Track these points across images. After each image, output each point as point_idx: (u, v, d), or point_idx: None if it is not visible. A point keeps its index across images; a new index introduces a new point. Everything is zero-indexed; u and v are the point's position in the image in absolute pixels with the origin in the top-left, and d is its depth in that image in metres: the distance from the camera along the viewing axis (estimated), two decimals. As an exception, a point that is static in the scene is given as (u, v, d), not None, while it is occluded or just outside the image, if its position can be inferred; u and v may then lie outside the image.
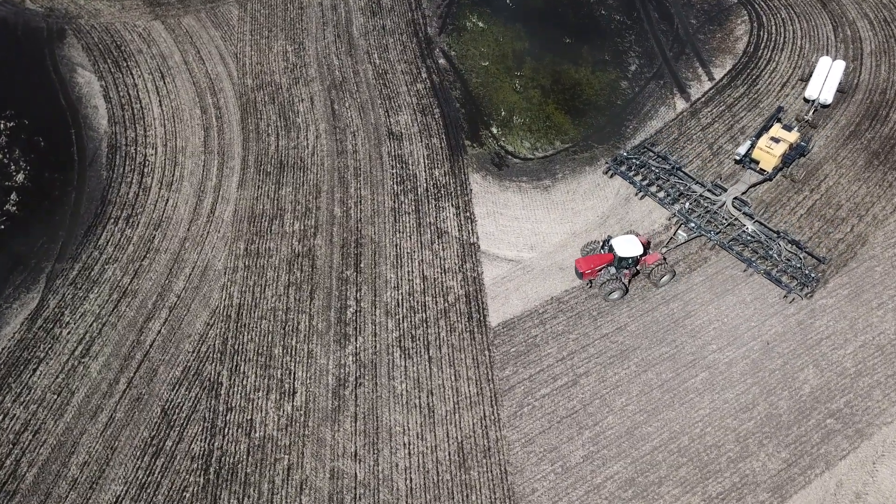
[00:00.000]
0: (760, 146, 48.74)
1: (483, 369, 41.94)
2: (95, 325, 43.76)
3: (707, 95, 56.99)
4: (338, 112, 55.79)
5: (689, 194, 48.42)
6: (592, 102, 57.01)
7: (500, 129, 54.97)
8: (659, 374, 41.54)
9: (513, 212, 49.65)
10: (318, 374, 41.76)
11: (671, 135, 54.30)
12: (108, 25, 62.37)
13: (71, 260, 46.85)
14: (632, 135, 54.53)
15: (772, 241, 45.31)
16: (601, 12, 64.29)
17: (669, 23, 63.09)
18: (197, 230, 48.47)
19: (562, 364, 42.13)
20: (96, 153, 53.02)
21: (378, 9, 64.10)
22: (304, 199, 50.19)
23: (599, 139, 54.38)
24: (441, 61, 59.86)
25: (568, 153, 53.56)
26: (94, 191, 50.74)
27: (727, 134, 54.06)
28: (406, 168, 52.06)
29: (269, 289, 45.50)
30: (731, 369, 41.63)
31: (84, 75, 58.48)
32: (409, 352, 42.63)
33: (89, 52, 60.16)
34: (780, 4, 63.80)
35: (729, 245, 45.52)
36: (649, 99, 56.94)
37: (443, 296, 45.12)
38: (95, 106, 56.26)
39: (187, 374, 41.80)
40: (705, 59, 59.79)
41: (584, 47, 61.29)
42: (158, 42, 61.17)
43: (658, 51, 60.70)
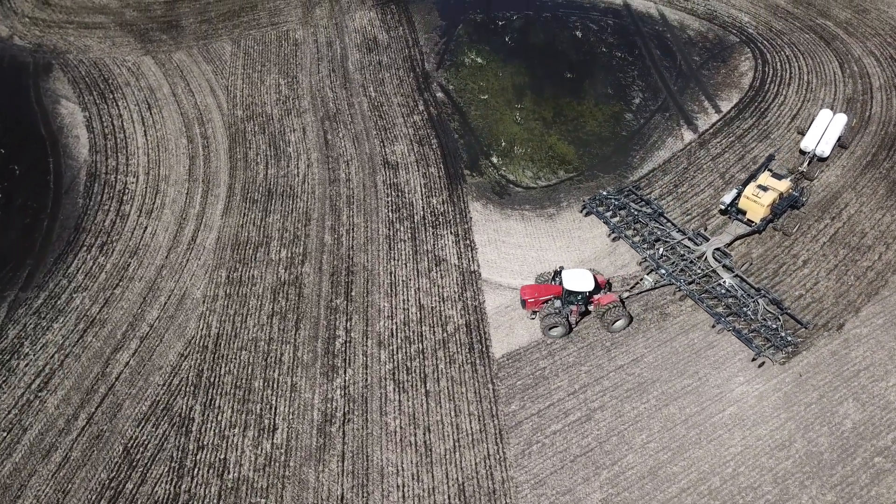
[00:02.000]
0: (747, 195, 44.35)
1: (486, 404, 37.64)
2: (57, 357, 39.59)
3: (715, 127, 54.83)
4: (331, 142, 53.29)
5: (666, 240, 44.70)
6: (596, 134, 54.75)
7: (501, 159, 52.41)
8: (682, 409, 37.29)
9: (516, 240, 46.39)
10: (301, 409, 37.37)
11: (680, 164, 51.78)
12: (96, 60, 60.74)
13: (37, 288, 43.10)
14: (639, 164, 51.99)
15: (749, 297, 40.95)
16: (602, 49, 63.06)
17: (672, 59, 61.75)
18: (176, 258, 44.94)
19: (574, 398, 37.91)
20: (74, 181, 50.06)
21: (374, 45, 62.77)
22: (292, 226, 46.94)
23: (605, 169, 51.78)
24: (439, 94, 57.97)
25: (573, 182, 50.82)
26: (69, 218, 47.48)
27: (738, 164, 51.55)
28: (402, 196, 49.09)
29: (251, 318, 41.60)
30: (761, 403, 37.45)
31: (67, 106, 56.27)
32: (403, 385, 38.41)
33: (75, 84, 58.22)
34: (784, 43, 62.72)
35: (699, 297, 41.21)
36: (655, 130, 54.74)
37: (441, 325, 41.25)
38: (77, 136, 53.75)
39: (155, 408, 37.37)
40: (711, 94, 58.02)
41: (586, 81, 59.66)
42: (147, 75, 59.34)
43: (662, 85, 59.03)
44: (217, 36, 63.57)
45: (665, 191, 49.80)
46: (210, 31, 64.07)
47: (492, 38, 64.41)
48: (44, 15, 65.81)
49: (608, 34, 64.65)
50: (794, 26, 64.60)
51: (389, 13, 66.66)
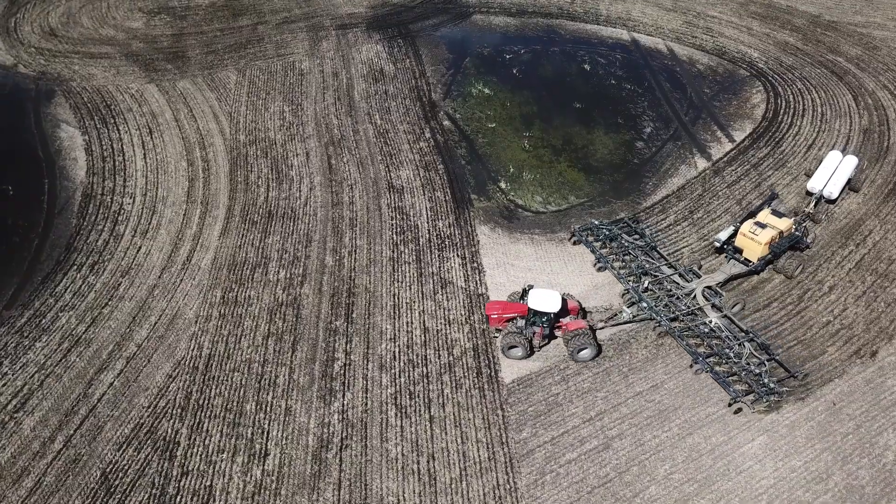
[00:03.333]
0: (744, 231, 41.96)
1: (495, 431, 34.84)
2: (37, 377, 37.06)
3: (729, 156, 53.43)
4: (335, 166, 51.86)
5: (655, 274, 42.31)
6: (607, 161, 53.32)
7: (509, 184, 50.82)
8: (707, 438, 34.43)
9: (525, 263, 44.30)
10: (296, 434, 34.59)
11: (694, 191, 50.13)
12: (100, 87, 60.06)
13: (21, 307, 40.89)
14: (652, 191, 50.33)
15: (734, 339, 37.97)
16: (611, 81, 62.33)
17: (682, 92, 60.93)
18: (169, 278, 42.84)
19: (590, 425, 35.12)
20: (68, 202, 48.45)
21: (380, 76, 62.14)
22: (292, 247, 44.98)
23: (618, 195, 50.10)
24: (446, 123, 56.88)
25: (584, 207, 49.05)
26: (60, 238, 45.62)
27: (755, 191, 49.92)
28: (407, 219, 47.28)
29: (245, 339, 39.19)
30: (793, 433, 34.61)
31: (67, 130, 55.20)
32: (406, 410, 35.70)
33: (76, 110, 57.33)
34: (795, 77, 62.04)
35: (679, 334, 38.39)
36: (668, 158, 53.31)
37: (447, 349, 38.77)
38: (75, 158, 52.46)
39: (138, 431, 34.62)
40: (723, 124, 56.88)
41: (595, 111, 58.66)
42: (150, 102, 58.51)
43: (673, 115, 57.96)
44: (223, 66, 63.11)
45: (680, 217, 47.99)
46: (216, 62, 63.65)
47: (499, 70, 63.86)
48: (50, 45, 65.61)
49: (617, 67, 64.08)
50: (804, 62, 64.07)
51: (396, 46, 66.38)
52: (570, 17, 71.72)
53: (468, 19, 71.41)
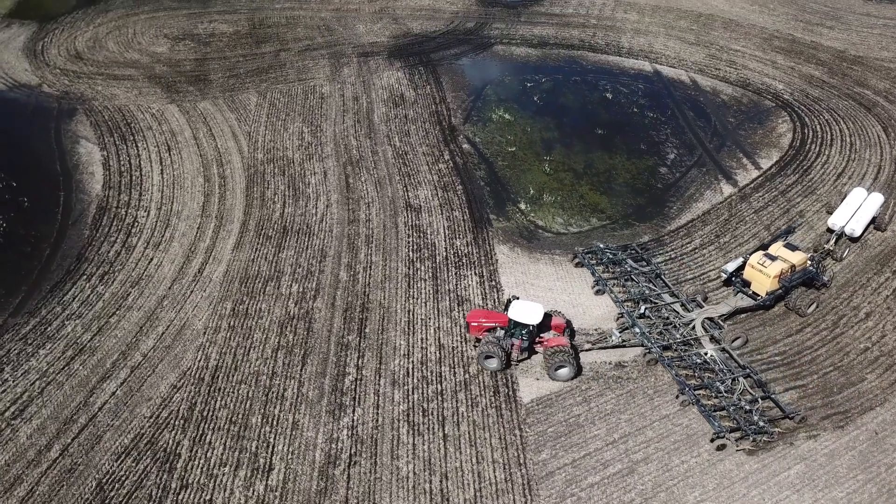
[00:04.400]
0: (752, 263, 39.76)
1: (513, 451, 32.89)
2: (38, 384, 35.79)
3: (756, 182, 52.08)
4: (352, 185, 51.11)
5: (654, 301, 40.44)
6: (630, 185, 52.14)
7: (529, 206, 49.68)
8: (740, 465, 32.22)
9: (546, 283, 42.81)
10: (302, 449, 32.83)
11: (721, 216, 48.71)
12: (121, 107, 60.30)
13: (27, 315, 39.90)
14: (676, 215, 48.95)
15: (727, 373, 35.80)
16: (633, 110, 61.61)
17: (706, 120, 60.02)
18: (179, 289, 41.78)
19: (613, 448, 33.07)
20: (82, 214, 47.94)
21: (401, 101, 61.94)
22: (306, 262, 43.88)
23: (641, 218, 48.75)
24: (465, 146, 56.21)
25: (606, 229, 47.70)
26: (72, 248, 44.92)
27: (784, 217, 48.41)
28: (424, 237, 46.14)
29: (254, 351, 37.79)
30: (833, 462, 32.32)
31: (86, 146, 55.15)
32: (418, 428, 33.90)
33: (97, 127, 57.43)
34: (822, 108, 61.03)
35: (669, 363, 36.38)
36: (693, 184, 52.04)
37: (463, 366, 37.08)
38: (92, 172, 52.21)
39: (138, 442, 33.05)
40: (749, 151, 55.72)
41: (617, 137, 57.78)
42: (170, 121, 58.52)
43: (697, 142, 56.93)
44: (244, 89, 63.29)
45: (706, 240, 46.49)
46: (237, 85, 63.89)
47: (520, 97, 63.49)
48: (75, 67, 66.33)
49: (639, 96, 63.47)
50: (831, 94, 63.13)
51: (417, 73, 66.39)
52: (591, 48, 71.63)
53: (489, 50, 71.52)
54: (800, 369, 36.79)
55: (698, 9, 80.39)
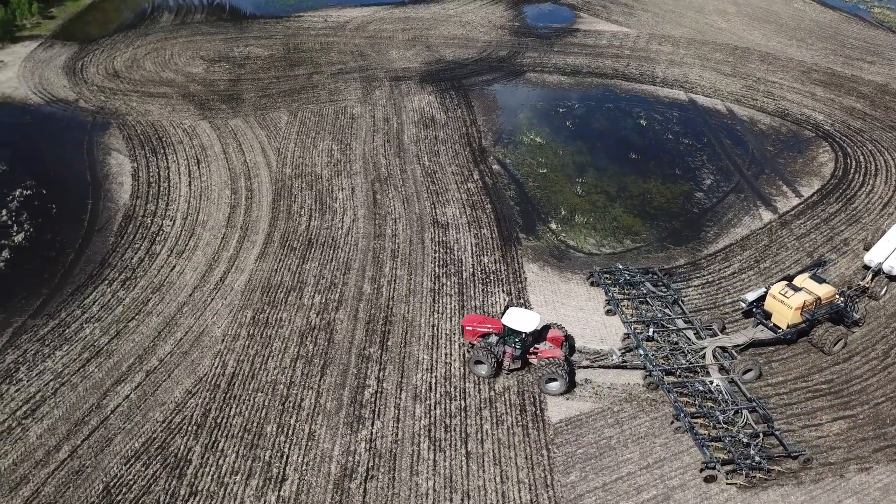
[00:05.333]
0: (773, 293, 37.24)
1: (540, 471, 30.97)
2: (52, 385, 34.89)
3: (797, 209, 50.28)
4: (379, 201, 50.37)
5: (664, 324, 38.46)
6: (665, 209, 50.64)
7: (560, 226, 48.36)
8: (785, 497, 29.95)
9: (577, 302, 41.22)
10: (318, 460, 31.27)
11: (760, 242, 46.94)
12: (154, 122, 60.72)
13: (47, 317, 39.28)
14: (713, 239, 47.26)
15: (730, 404, 33.49)
16: (667, 136, 60.47)
17: (743, 148, 58.63)
18: (200, 296, 40.96)
19: (647, 473, 30.99)
20: (109, 221, 47.71)
21: (431, 123, 61.56)
22: (330, 274, 42.90)
23: (676, 242, 47.12)
24: (495, 167, 55.37)
25: (640, 252, 46.13)
26: (96, 254, 44.53)
27: (827, 244, 46.52)
28: (450, 254, 44.98)
29: (272, 360, 36.59)
30: (888, 497, 29.92)
31: (117, 158, 55.37)
32: (440, 444, 32.19)
33: (128, 140, 57.76)
34: (864, 139, 59.38)
35: (669, 388, 34.29)
36: (730, 209, 50.42)
37: (488, 384, 35.42)
38: (121, 182, 52.21)
39: (149, 446, 31.78)
40: (789, 179, 54.05)
41: (652, 163, 56.53)
42: (201, 136, 58.71)
43: (734, 169, 55.45)
44: (275, 108, 63.52)
45: (745, 265, 44.71)
46: (269, 104, 64.16)
47: (552, 122, 62.78)
48: (112, 85, 67.29)
49: (673, 123, 62.40)
50: (873, 126, 61.55)
51: (448, 97, 66.19)
52: (625, 77, 71.00)
53: (522, 77, 71.26)
54: (849, 399, 34.49)
55: (734, 42, 79.64)
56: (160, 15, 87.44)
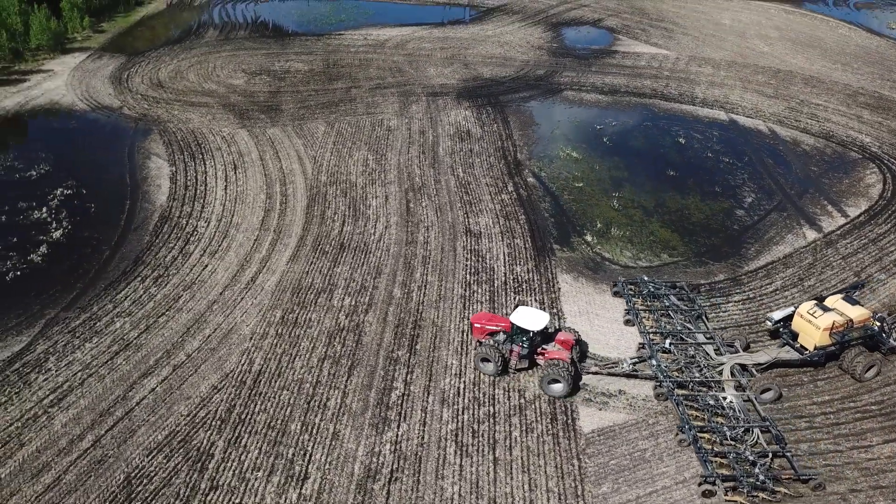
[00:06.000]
0: (801, 312, 35.31)
1: (570, 481, 29.74)
2: (80, 375, 34.84)
3: (843, 229, 48.60)
4: (412, 209, 50.05)
5: (682, 337, 37.03)
6: (703, 225, 49.38)
7: (596, 238, 47.39)
8: (833, 518, 28.18)
9: (612, 314, 40.07)
10: (341, 460, 30.50)
11: (804, 260, 45.35)
12: (195, 129, 61.61)
13: (79, 310, 39.47)
14: (755, 256, 45.79)
15: (741, 422, 31.85)
16: (707, 154, 59.33)
17: (786, 167, 57.20)
18: (231, 295, 40.84)
19: (683, 487, 29.55)
20: (145, 221, 48.15)
21: (467, 136, 61.39)
22: (360, 277, 42.49)
23: (715, 257, 45.76)
24: (530, 180, 54.78)
25: (678, 266, 44.86)
26: (130, 252, 44.85)
27: (876, 264, 44.67)
28: (482, 262, 44.29)
29: (299, 359, 36.10)
30: (943, 523, 27.93)
31: (157, 162, 56.15)
32: (467, 449, 31.18)
33: (168, 145, 58.63)
34: (913, 162, 57.43)
35: (679, 400, 32.90)
36: (772, 227, 48.93)
37: (518, 391, 34.41)
38: (159, 185, 52.82)
39: (172, 439, 31.37)
40: (834, 199, 52.40)
41: (690, 180, 55.40)
42: (239, 143, 59.34)
43: (777, 188, 53.99)
44: (313, 118, 64.05)
45: (789, 283, 43.17)
46: (307, 115, 64.75)
47: (589, 138, 62.16)
48: (155, 94, 68.67)
49: (714, 142, 61.29)
50: (923, 148, 59.50)
51: (485, 113, 66.09)
52: (664, 97, 70.21)
53: (559, 94, 70.95)
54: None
55: (776, 65, 78.45)
56: (205, 31, 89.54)
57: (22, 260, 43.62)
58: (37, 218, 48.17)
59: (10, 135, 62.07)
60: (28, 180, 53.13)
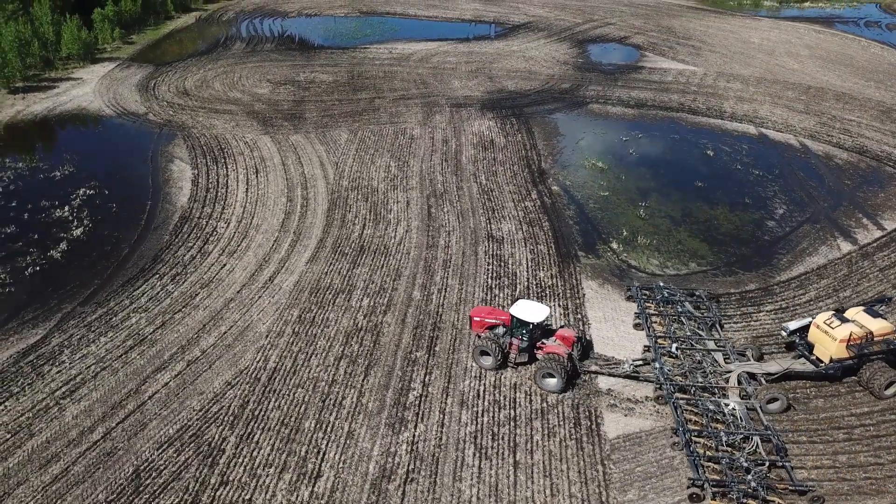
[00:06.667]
0: (818, 323, 33.71)
1: (594, 487, 28.35)
2: (93, 369, 34.26)
3: (880, 242, 46.94)
4: (434, 214, 49.33)
5: (691, 342, 35.79)
6: (733, 235, 47.99)
7: (622, 246, 46.22)
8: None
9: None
10: (356, 459, 29.40)
11: (839, 271, 43.74)
12: (218, 135, 61.72)
13: (96, 305, 39.05)
14: (787, 266, 44.28)
15: (741, 428, 30.42)
16: (736, 167, 58.05)
17: (819, 181, 55.71)
18: (248, 294, 40.22)
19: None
20: (165, 221, 47.93)
21: (490, 146, 60.79)
22: (380, 279, 41.68)
23: (746, 267, 44.34)
24: (554, 188, 53.86)
25: (707, 275, 43.47)
26: (149, 250, 44.54)
27: (915, 277, 42.89)
28: (504, 267, 43.29)
29: (315, 358, 35.22)
30: None
31: (179, 165, 56.20)
32: (486, 451, 29.94)
33: (191, 150, 58.75)
34: (952, 176, 55.65)
35: (677, 404, 31.71)
36: (805, 238, 47.42)
37: (540, 395, 33.14)
38: (181, 187, 52.74)
39: (183, 434, 30.53)
40: (870, 213, 50.79)
41: (719, 191, 54.09)
42: (262, 148, 59.27)
43: (809, 200, 52.50)
44: (336, 126, 63.95)
45: (823, 293, 41.60)
46: (330, 123, 64.67)
47: (615, 149, 61.26)
48: (181, 101, 69.14)
49: (743, 155, 60.04)
50: (962, 164, 57.72)
51: (509, 124, 65.54)
52: (691, 111, 69.24)
53: (584, 107, 70.29)
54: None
55: (806, 82, 77.23)
56: (232, 44, 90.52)
57: (41, 256, 43.47)
58: (58, 216, 48.17)
59: (36, 138, 62.67)
60: (51, 181, 53.36)
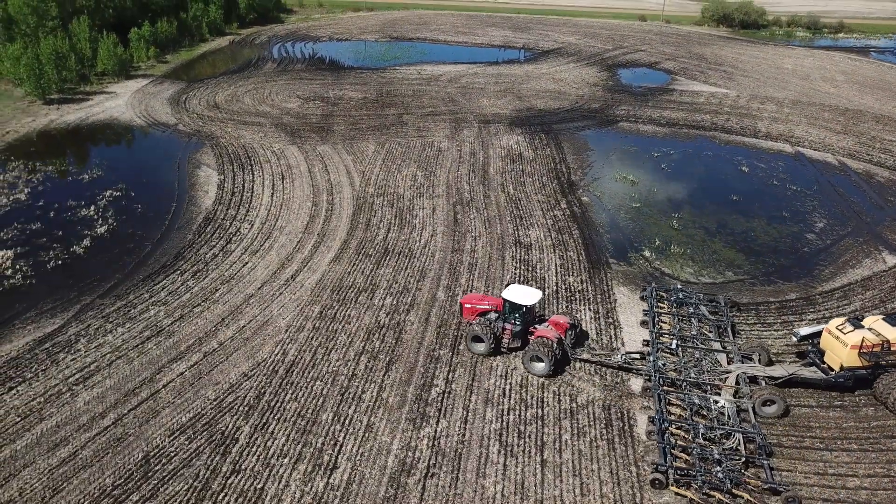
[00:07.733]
0: (830, 328, 31.83)
1: (627, 488, 26.50)
2: (109, 357, 33.43)
3: (926, 255, 44.83)
4: (460, 220, 48.36)
5: (694, 341, 34.27)
6: (771, 247, 46.20)
7: (655, 255, 44.67)
8: (936, 546, 24.18)
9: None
10: (374, 452, 27.93)
11: (885, 283, 41.63)
12: (246, 144, 61.78)
13: (115, 297, 38.43)
14: (829, 278, 42.33)
15: (722, 425, 28.88)
16: (773, 182, 56.40)
17: (860, 196, 53.82)
18: (269, 290, 39.36)
19: (757, 502, 25.90)
20: (189, 221, 47.58)
21: (518, 159, 59.97)
22: (403, 280, 40.58)
23: (786, 277, 42.47)
24: (584, 198, 52.65)
25: (744, 284, 41.65)
26: (172, 248, 44.06)
27: (966, 291, 40.63)
28: (532, 271, 41.97)
29: (335, 352, 34.02)
30: None
31: (206, 171, 56.16)
32: (512, 449, 28.29)
33: (219, 157, 58.79)
34: None
35: (662, 396, 30.42)
36: (847, 251, 45.48)
37: (570, 395, 31.50)
38: (206, 191, 52.55)
39: (196, 422, 29.37)
40: (914, 227, 48.69)
41: (756, 204, 52.41)
42: (289, 157, 59.11)
43: (851, 214, 50.59)
44: (363, 139, 63.74)
45: (869, 304, 39.56)
46: (358, 136, 64.50)
47: (647, 164, 60.06)
48: (211, 113, 69.64)
49: (779, 171, 58.50)
50: None
51: (538, 139, 64.81)
52: (724, 130, 68.00)
53: (614, 125, 69.39)
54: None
55: (843, 104, 75.68)
56: (264, 63, 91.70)
57: (64, 251, 43.19)
58: (83, 215, 48.07)
59: (68, 145, 63.26)
60: (79, 182, 53.56)
